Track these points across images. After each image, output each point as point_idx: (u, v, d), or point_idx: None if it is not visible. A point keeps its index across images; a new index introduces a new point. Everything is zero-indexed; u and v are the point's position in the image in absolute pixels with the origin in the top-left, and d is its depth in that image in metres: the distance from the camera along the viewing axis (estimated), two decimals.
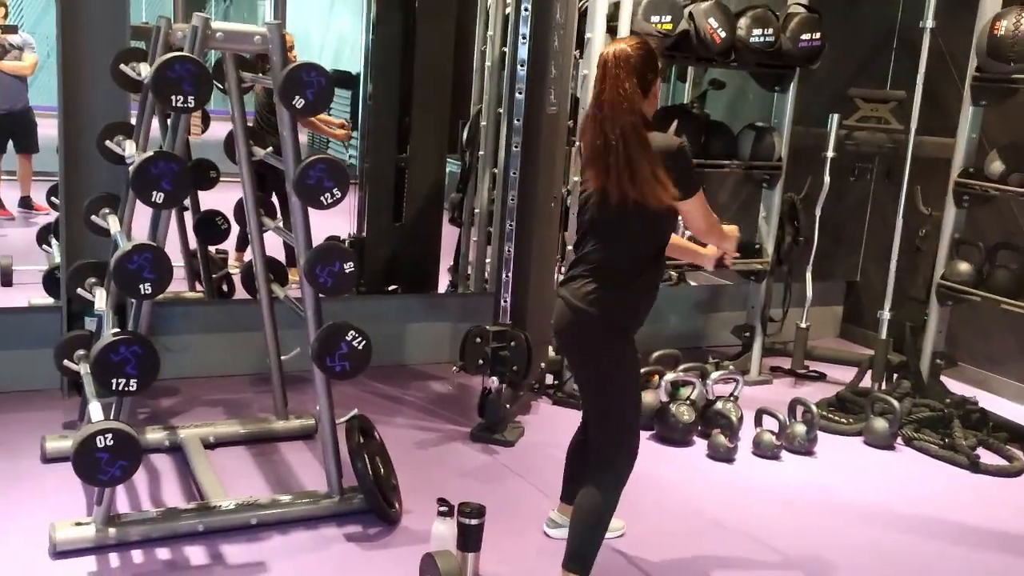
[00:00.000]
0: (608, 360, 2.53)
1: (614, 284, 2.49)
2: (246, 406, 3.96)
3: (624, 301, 2.52)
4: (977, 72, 4.19)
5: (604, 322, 2.49)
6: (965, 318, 4.85)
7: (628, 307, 2.53)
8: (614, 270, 2.50)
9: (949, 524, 3.42)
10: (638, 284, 2.53)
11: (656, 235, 2.54)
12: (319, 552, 2.88)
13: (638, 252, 2.52)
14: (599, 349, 2.52)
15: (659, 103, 2.68)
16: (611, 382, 2.56)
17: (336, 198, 2.84)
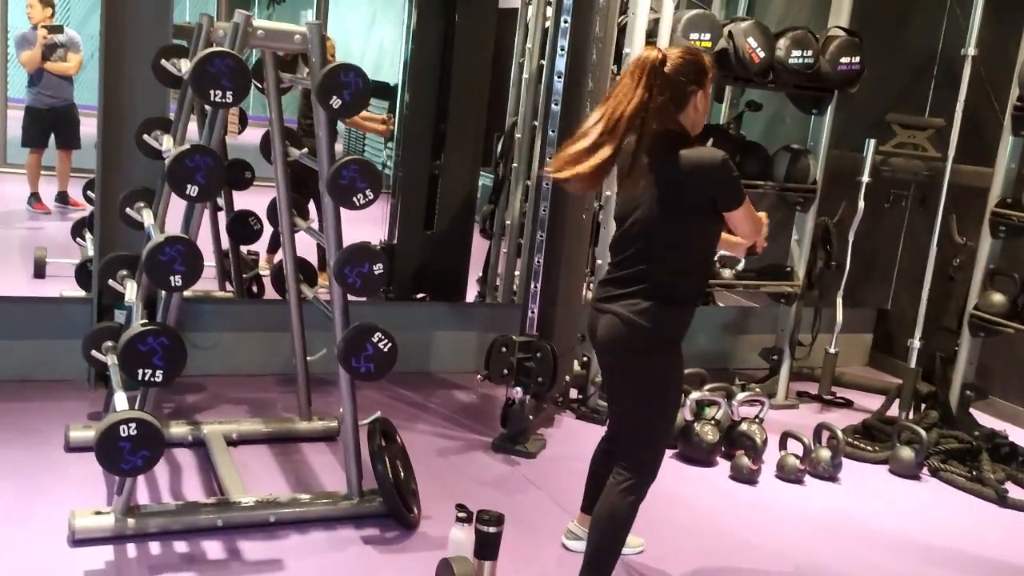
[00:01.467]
0: (655, 372, 2.52)
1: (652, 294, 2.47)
2: (271, 405, 3.97)
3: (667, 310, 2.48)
4: (1019, 102, 4.14)
5: (656, 333, 2.47)
6: (998, 350, 4.77)
7: (671, 317, 2.50)
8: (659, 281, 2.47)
9: (975, 558, 3.35)
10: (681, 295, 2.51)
11: (690, 244, 2.49)
12: (336, 553, 2.87)
13: (677, 261, 2.48)
14: (647, 360, 2.51)
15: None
16: (657, 393, 2.55)
17: (369, 199, 2.85)
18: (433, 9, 4.86)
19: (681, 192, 2.43)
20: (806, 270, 4.76)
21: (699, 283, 2.60)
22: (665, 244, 2.46)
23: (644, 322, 2.45)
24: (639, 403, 2.57)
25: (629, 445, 2.59)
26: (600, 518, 2.54)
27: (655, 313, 2.45)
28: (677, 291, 2.49)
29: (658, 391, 2.54)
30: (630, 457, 2.56)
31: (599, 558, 2.53)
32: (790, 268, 4.77)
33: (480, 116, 5.05)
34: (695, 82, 2.43)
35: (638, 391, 2.56)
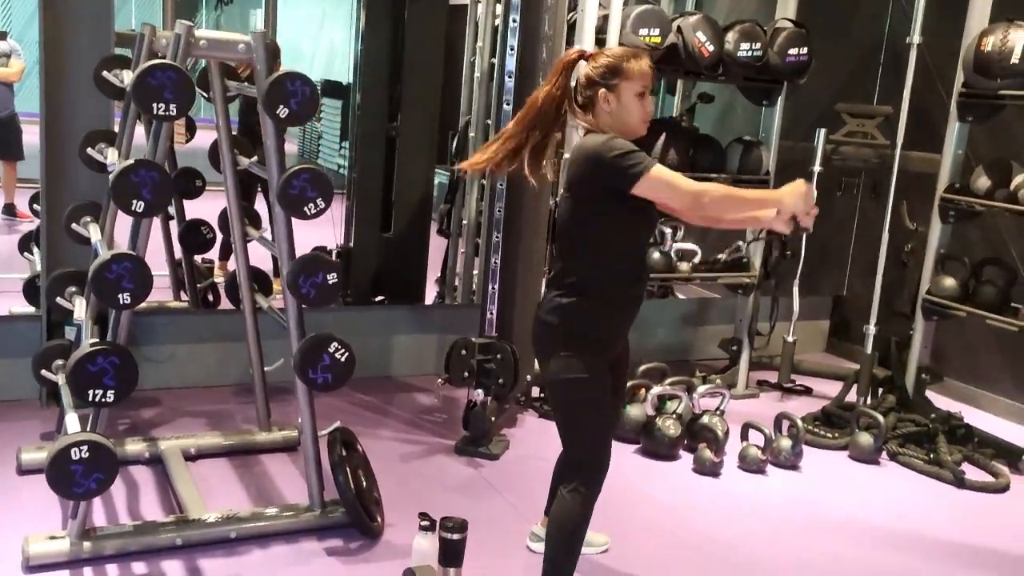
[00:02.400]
0: (563, 371, 2.45)
1: (568, 291, 2.45)
2: (229, 417, 3.92)
3: (576, 306, 2.44)
4: (963, 88, 4.20)
5: (554, 330, 2.45)
6: (951, 333, 4.86)
7: (580, 314, 2.44)
8: (569, 278, 2.46)
9: (934, 540, 3.40)
10: (594, 288, 2.44)
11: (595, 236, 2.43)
12: (299, 567, 2.84)
13: (585, 255, 2.45)
14: (555, 360, 2.46)
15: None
16: (572, 393, 2.48)
17: (320, 208, 2.81)
18: (382, 7, 4.81)
19: (576, 184, 2.44)
20: (762, 260, 4.80)
21: (617, 278, 2.46)
22: (571, 238, 2.47)
23: (553, 319, 2.45)
24: (558, 404, 2.55)
25: (565, 446, 2.57)
26: (553, 521, 2.53)
27: (565, 310, 2.43)
28: (588, 287, 2.43)
29: (573, 391, 2.46)
30: (568, 459, 2.56)
31: (556, 562, 2.52)
32: (746, 259, 4.81)
33: (433, 115, 5.02)
34: (600, 82, 2.42)
35: (555, 391, 2.54)
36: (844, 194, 5.04)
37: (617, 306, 2.49)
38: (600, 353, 2.48)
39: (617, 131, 2.43)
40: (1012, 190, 3.98)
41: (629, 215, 2.41)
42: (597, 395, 2.49)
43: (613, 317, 2.50)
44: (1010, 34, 3.91)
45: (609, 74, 2.43)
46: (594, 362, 2.46)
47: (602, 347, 2.49)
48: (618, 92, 2.42)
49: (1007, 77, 3.94)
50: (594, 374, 2.46)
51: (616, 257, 2.45)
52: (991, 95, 4.09)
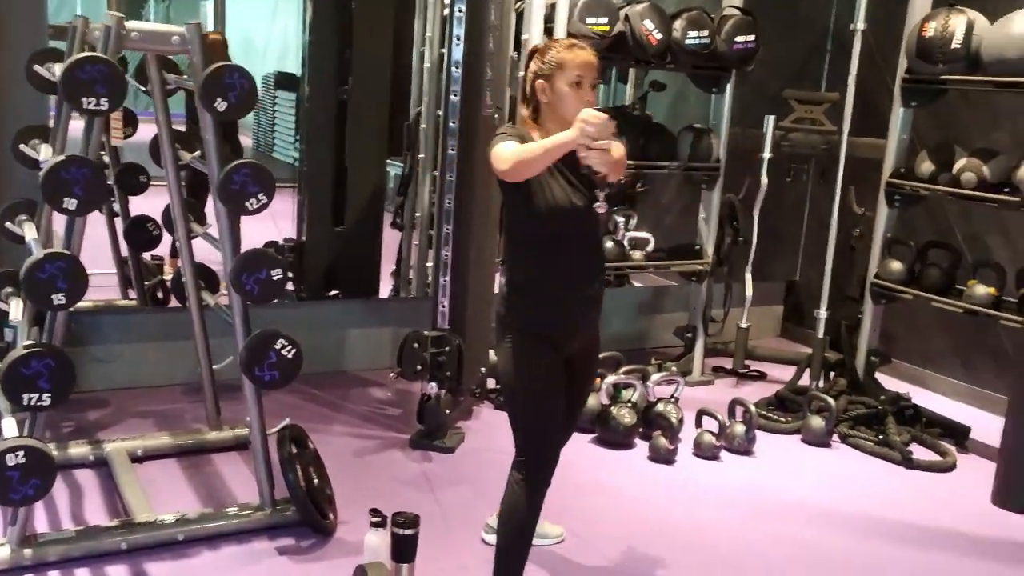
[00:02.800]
0: (501, 361, 2.49)
1: (507, 282, 2.50)
2: (178, 417, 3.86)
3: (509, 297, 2.47)
4: (907, 74, 4.25)
5: (498, 319, 2.50)
6: (899, 316, 4.93)
7: (512, 304, 2.46)
8: (506, 270, 2.52)
9: (883, 520, 3.45)
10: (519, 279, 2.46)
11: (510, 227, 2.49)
12: (249, 567, 2.80)
13: (509, 247, 2.52)
14: (498, 349, 2.51)
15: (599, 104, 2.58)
16: (510, 382, 2.50)
17: (262, 203, 2.77)
18: None
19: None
20: (715, 247, 4.83)
21: (545, 269, 2.41)
22: (505, 230, 2.53)
23: (499, 310, 2.51)
24: (505, 392, 2.57)
25: (513, 436, 2.55)
26: (502, 513, 2.53)
27: (503, 301, 2.50)
28: (516, 278, 2.47)
29: (511, 380, 2.47)
30: (517, 449, 2.54)
31: (506, 554, 2.51)
32: (699, 246, 4.83)
33: (383, 106, 4.97)
34: (540, 72, 2.43)
35: (502, 379, 2.55)
36: (794, 180, 5.08)
37: (545, 298, 2.44)
38: (536, 346, 2.44)
39: (555, 123, 2.42)
40: (955, 174, 4.04)
41: (529, 202, 2.36)
42: (534, 388, 2.45)
43: (543, 309, 2.45)
44: (951, 19, 3.96)
45: (545, 64, 2.44)
46: (530, 356, 2.44)
47: (538, 340, 2.44)
48: (552, 81, 2.41)
49: (948, 62, 3.98)
50: (531, 367, 2.44)
51: (532, 247, 2.43)
52: (933, 80, 4.14)
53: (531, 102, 2.48)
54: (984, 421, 4.36)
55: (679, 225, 5.80)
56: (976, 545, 3.31)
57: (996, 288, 4.03)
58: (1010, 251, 4.55)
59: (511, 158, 2.27)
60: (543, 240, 2.41)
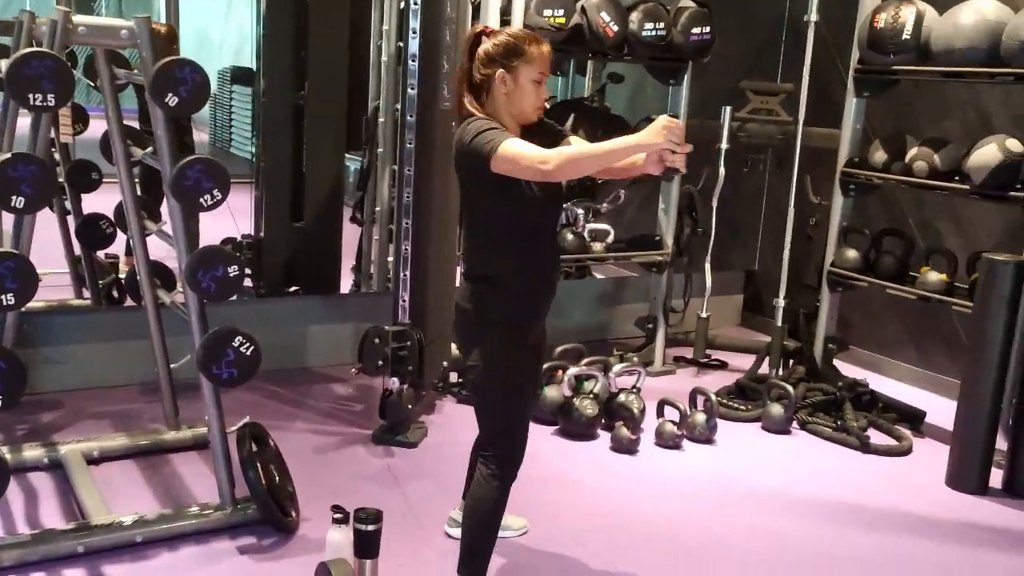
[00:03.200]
0: (480, 357, 2.46)
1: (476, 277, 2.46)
2: (136, 417, 3.80)
3: (486, 291, 2.44)
4: (859, 64, 4.30)
5: (472, 314, 2.46)
6: (855, 303, 5.01)
7: (491, 298, 2.44)
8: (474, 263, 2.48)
9: (842, 504, 3.51)
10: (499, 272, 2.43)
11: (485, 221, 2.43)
12: (210, 567, 2.77)
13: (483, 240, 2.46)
14: (471, 346, 2.48)
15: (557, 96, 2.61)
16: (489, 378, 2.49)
17: (217, 199, 2.74)
18: None
19: (457, 171, 2.43)
20: (674, 238, 4.86)
21: (518, 261, 2.43)
22: (469, 225, 2.49)
23: (468, 305, 2.46)
24: (477, 389, 2.54)
25: (483, 432, 2.57)
26: (468, 507, 2.53)
27: (476, 295, 2.45)
28: (492, 272, 2.43)
29: (490, 376, 2.46)
30: (487, 444, 2.55)
31: (472, 547, 2.52)
32: (659, 237, 4.86)
33: (341, 100, 4.93)
34: (499, 61, 2.38)
35: (474, 377, 2.51)
36: (751, 170, 5.12)
37: (523, 290, 2.46)
38: (515, 338, 2.47)
39: (508, 115, 2.41)
40: (907, 163, 4.10)
41: (507, 201, 2.36)
42: (514, 381, 2.49)
43: (521, 301, 2.47)
44: (901, 10, 4.02)
45: (509, 53, 2.39)
46: (510, 348, 2.46)
47: (517, 332, 2.47)
48: (516, 74, 2.39)
49: (899, 53, 4.05)
50: (511, 360, 2.46)
51: (511, 240, 2.42)
52: (885, 70, 4.20)
53: (480, 90, 2.41)
54: (938, 405, 4.44)
55: (639, 216, 5.83)
56: (931, 526, 3.38)
57: (948, 274, 4.11)
58: (961, 238, 4.64)
59: (561, 159, 2.20)
60: (523, 232, 2.42)
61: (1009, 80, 3.87)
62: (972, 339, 3.73)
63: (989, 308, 3.60)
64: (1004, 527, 3.39)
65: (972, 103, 4.58)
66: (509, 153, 2.24)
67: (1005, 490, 3.66)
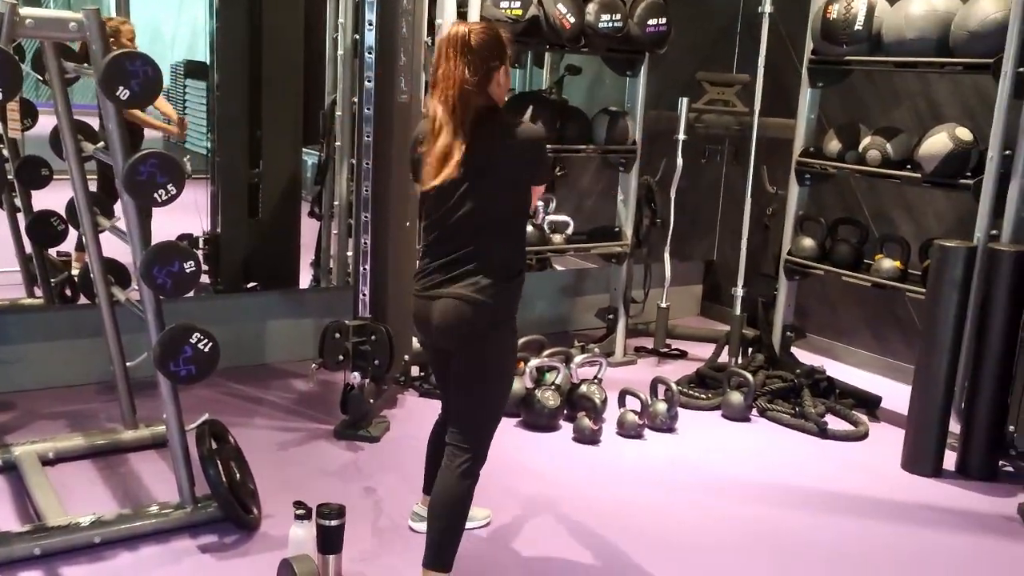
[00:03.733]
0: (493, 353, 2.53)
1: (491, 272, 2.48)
2: (92, 417, 3.74)
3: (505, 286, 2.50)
4: (813, 55, 4.36)
5: (500, 310, 2.49)
6: (812, 291, 5.08)
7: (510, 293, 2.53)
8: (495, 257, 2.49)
9: (801, 489, 3.56)
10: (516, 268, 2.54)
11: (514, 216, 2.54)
12: (170, 567, 2.74)
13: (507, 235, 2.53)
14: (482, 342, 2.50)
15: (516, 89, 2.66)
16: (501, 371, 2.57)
17: (172, 194, 2.69)
18: None
19: (506, 165, 2.44)
20: (633, 229, 4.89)
21: (524, 255, 2.60)
22: (495, 219, 2.47)
23: (488, 300, 2.45)
24: (487, 383, 2.55)
25: (470, 426, 2.55)
26: (439, 500, 2.52)
27: (497, 290, 2.47)
28: (511, 265, 2.51)
29: (502, 369, 2.56)
30: (469, 438, 2.54)
31: (442, 540, 2.51)
32: (618, 228, 4.89)
33: (297, 94, 4.89)
34: (498, 57, 2.45)
35: (486, 371, 2.53)
36: (708, 161, 5.18)
37: (521, 280, 2.57)
38: (516, 330, 2.59)
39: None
40: (860, 152, 4.16)
41: (527, 199, 2.54)
42: (512, 374, 2.65)
43: (520, 292, 2.59)
44: (853, 2, 4.07)
45: (502, 49, 2.47)
46: (514, 341, 2.59)
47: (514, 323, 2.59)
48: (506, 68, 2.50)
49: (852, 43, 4.10)
50: (515, 353, 2.61)
51: (522, 237, 2.58)
52: (838, 61, 4.25)
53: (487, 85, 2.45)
54: (894, 390, 4.52)
55: (598, 208, 5.86)
56: (887, 508, 3.44)
57: (901, 261, 4.18)
58: (913, 226, 4.73)
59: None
60: (525, 230, 2.61)
61: (958, 70, 3.94)
62: (925, 324, 3.80)
63: (941, 293, 3.68)
64: (958, 508, 3.47)
65: (923, 93, 4.66)
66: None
67: (958, 472, 3.74)
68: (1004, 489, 3.61)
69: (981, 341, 3.64)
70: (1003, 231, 3.71)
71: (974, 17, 3.70)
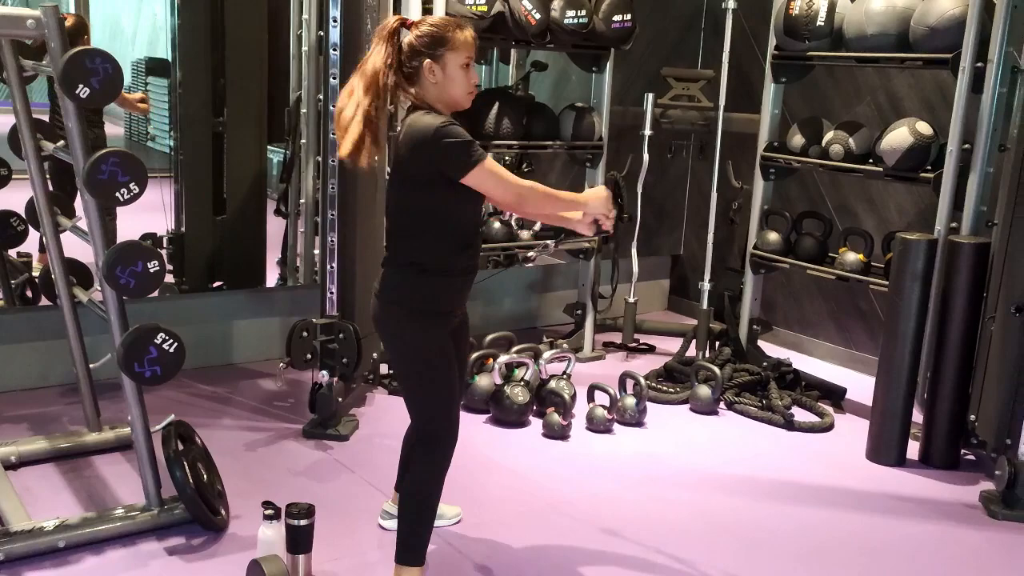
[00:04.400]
0: (408, 347, 2.50)
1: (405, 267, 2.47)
2: (55, 420, 3.69)
3: (417, 284, 2.46)
4: (776, 51, 4.40)
5: (402, 307, 2.47)
6: (777, 285, 5.14)
7: (421, 291, 2.46)
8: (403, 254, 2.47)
9: (769, 480, 3.60)
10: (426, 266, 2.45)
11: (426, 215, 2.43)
12: (137, 570, 2.71)
13: (417, 233, 2.44)
14: (398, 336, 2.50)
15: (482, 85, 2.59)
16: (416, 365, 2.52)
17: (134, 193, 2.66)
18: None
19: (406, 163, 2.40)
20: None
21: (450, 251, 2.46)
22: (403, 216, 2.45)
23: (391, 294, 2.47)
24: (405, 379, 2.57)
25: (415, 419, 2.58)
26: (404, 497, 2.52)
27: (400, 285, 2.46)
28: (424, 263, 2.44)
29: (416, 363, 2.50)
30: (420, 431, 2.56)
31: (409, 535, 2.51)
32: None
33: (261, 90, 4.84)
34: (425, 52, 2.38)
35: (399, 365, 2.57)
36: (675, 156, 5.21)
37: (452, 277, 2.50)
38: (442, 325, 2.51)
39: (442, 103, 2.43)
40: (823, 146, 4.21)
41: (455, 193, 2.39)
42: (442, 367, 2.51)
43: (449, 289, 2.51)
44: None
45: (434, 43, 2.39)
46: (437, 334, 2.49)
47: (443, 319, 2.51)
48: (444, 62, 2.40)
49: (814, 39, 4.15)
50: (438, 347, 2.49)
51: (446, 232, 2.45)
52: (801, 56, 4.30)
53: (414, 82, 2.41)
54: (858, 382, 4.59)
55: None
56: (853, 498, 3.49)
57: (864, 254, 4.24)
58: (876, 219, 4.79)
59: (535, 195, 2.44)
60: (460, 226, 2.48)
61: (918, 65, 4.00)
62: (888, 316, 3.86)
63: (903, 285, 3.73)
64: (921, 496, 3.52)
65: (883, 87, 4.73)
66: (494, 172, 2.36)
67: (922, 461, 3.80)
68: (966, 477, 3.68)
69: (942, 332, 3.70)
70: (962, 223, 3.78)
71: (933, 13, 3.76)
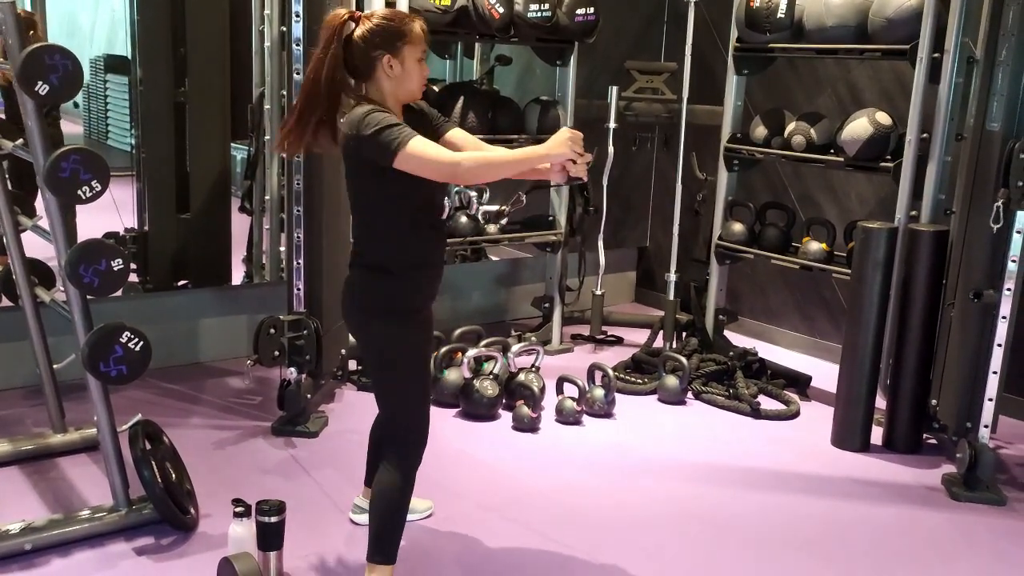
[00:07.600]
0: (381, 344, 2.48)
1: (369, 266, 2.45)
2: (18, 422, 3.64)
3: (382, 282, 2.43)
4: (738, 43, 4.44)
5: (371, 306, 2.46)
6: (743, 275, 5.19)
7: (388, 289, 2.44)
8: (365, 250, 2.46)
9: (737, 468, 3.65)
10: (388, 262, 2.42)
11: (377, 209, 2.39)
12: (105, 571, 2.69)
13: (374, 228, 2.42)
14: (371, 333, 2.49)
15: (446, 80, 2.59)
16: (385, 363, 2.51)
17: (96, 191, 2.63)
18: None
19: (346, 158, 2.39)
20: (567, 217, 4.93)
21: (411, 250, 2.43)
22: (359, 211, 2.45)
23: (358, 291, 2.46)
24: (376, 375, 2.57)
25: (386, 414, 2.58)
26: (376, 493, 2.52)
27: (367, 282, 2.45)
28: (383, 259, 2.42)
29: (386, 360, 2.49)
30: (389, 426, 2.56)
31: (382, 533, 2.51)
32: (552, 217, 4.92)
33: (223, 87, 4.79)
34: (382, 47, 2.35)
35: (373, 364, 2.56)
36: (639, 149, 5.23)
37: (416, 273, 2.48)
38: (413, 322, 2.50)
39: (394, 98, 2.41)
40: (786, 137, 4.26)
41: (404, 185, 2.32)
42: (416, 365, 2.52)
43: (417, 284, 2.49)
44: None
45: (392, 37, 2.36)
46: (409, 332, 2.48)
47: (414, 315, 2.50)
48: (402, 57, 2.37)
49: (775, 31, 4.20)
50: (411, 344, 2.49)
51: (403, 226, 2.41)
52: (762, 48, 4.34)
53: (363, 77, 2.38)
54: (823, 369, 4.66)
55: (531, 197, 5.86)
56: (819, 483, 3.54)
57: (827, 243, 4.30)
58: (838, 208, 4.86)
59: (474, 163, 2.30)
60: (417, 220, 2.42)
61: (876, 56, 4.07)
62: (850, 304, 3.92)
63: (865, 274, 3.79)
64: (885, 481, 3.59)
65: (843, 78, 4.79)
66: (415, 153, 2.24)
67: (885, 446, 3.87)
68: (928, 461, 3.75)
69: (903, 319, 3.77)
70: (922, 212, 3.85)
71: (891, 5, 3.82)
